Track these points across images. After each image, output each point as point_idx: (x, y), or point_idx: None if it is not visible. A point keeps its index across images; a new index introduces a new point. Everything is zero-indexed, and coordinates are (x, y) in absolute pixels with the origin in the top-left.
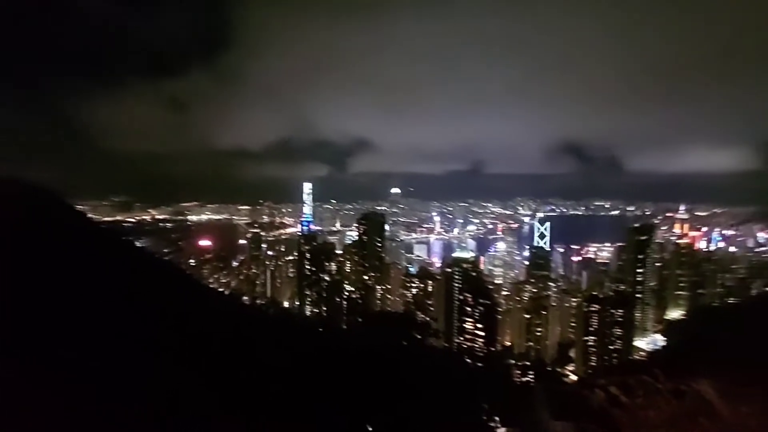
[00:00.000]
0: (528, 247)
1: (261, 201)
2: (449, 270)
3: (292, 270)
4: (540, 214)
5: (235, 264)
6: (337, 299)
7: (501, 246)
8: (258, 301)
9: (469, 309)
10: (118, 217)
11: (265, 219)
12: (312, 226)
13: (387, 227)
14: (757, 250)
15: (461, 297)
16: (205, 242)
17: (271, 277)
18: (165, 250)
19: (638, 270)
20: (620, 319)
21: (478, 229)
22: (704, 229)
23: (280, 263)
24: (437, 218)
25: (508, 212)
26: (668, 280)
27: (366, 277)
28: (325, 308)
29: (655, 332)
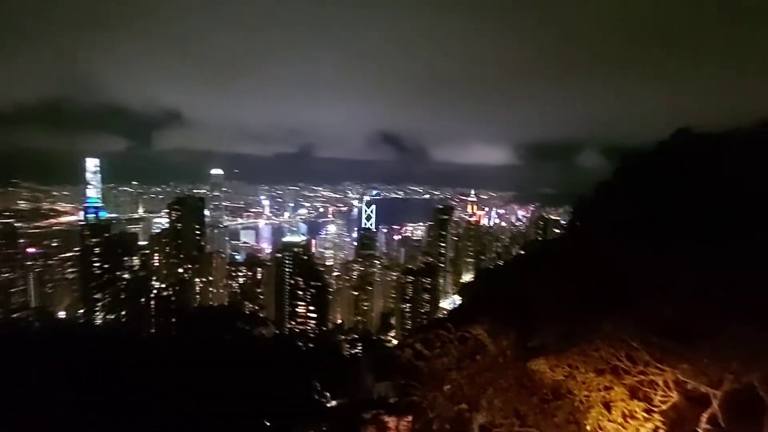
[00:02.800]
0: (356, 228)
1: (15, 181)
2: (280, 255)
3: (72, 270)
4: (366, 198)
5: None
6: (143, 300)
7: (331, 228)
8: (16, 315)
9: (300, 293)
10: None
11: (24, 205)
12: (102, 213)
13: (207, 212)
14: (516, 224)
15: (293, 281)
16: None
17: (37, 281)
18: None
19: (441, 244)
20: (428, 287)
21: (309, 213)
22: (486, 209)
23: (51, 262)
24: (266, 202)
25: (337, 196)
26: (462, 251)
27: (181, 270)
28: (124, 313)
29: (454, 294)
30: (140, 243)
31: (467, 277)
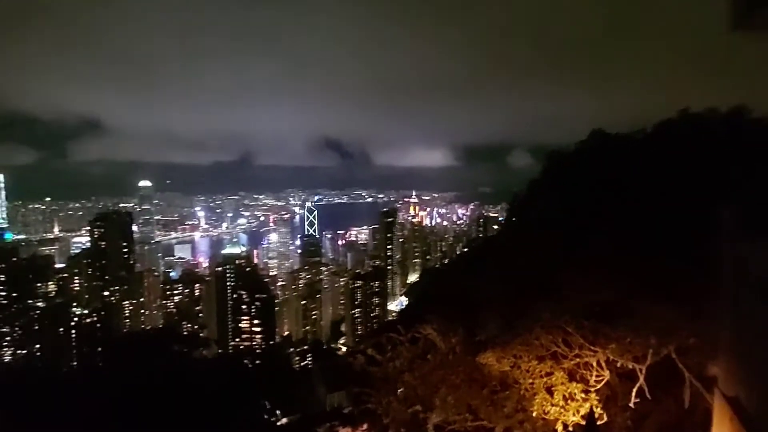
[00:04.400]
0: (300, 236)
1: None
2: (220, 269)
3: None
4: (308, 204)
5: None
6: (61, 330)
7: (274, 237)
8: None
9: (244, 307)
10: None
11: None
12: (7, 236)
13: (136, 228)
14: (458, 223)
15: (235, 296)
16: None
17: None
18: None
19: (387, 247)
20: (377, 290)
21: (249, 222)
22: (428, 209)
23: None
24: (202, 213)
25: (280, 203)
26: (408, 252)
27: (107, 293)
28: (39, 345)
29: (402, 295)
30: (57, 266)
31: (414, 278)
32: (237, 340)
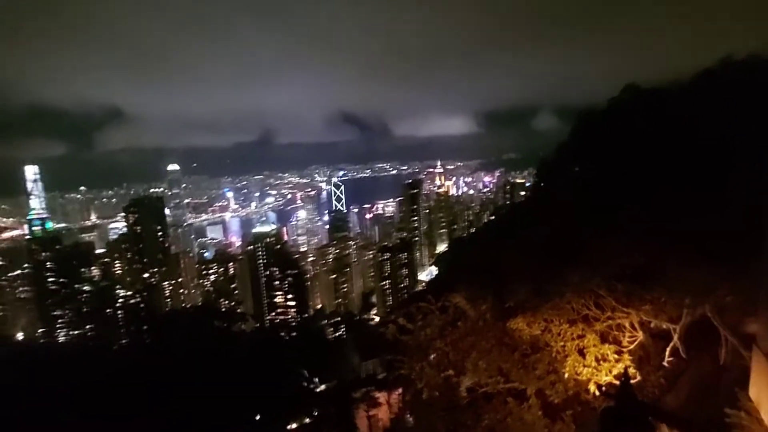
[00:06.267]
0: (327, 211)
1: None
2: (251, 247)
3: (24, 289)
4: (334, 179)
5: None
6: (108, 311)
7: (301, 214)
8: None
9: (277, 283)
10: None
11: None
12: (48, 225)
13: (168, 212)
14: (484, 190)
15: (268, 272)
16: None
17: None
18: None
19: (414, 218)
20: (405, 261)
21: (276, 201)
22: (453, 179)
23: None
24: (230, 194)
25: (305, 181)
26: (434, 223)
27: (147, 275)
28: (90, 326)
29: (430, 265)
30: (97, 252)
31: (442, 248)
32: (272, 314)
